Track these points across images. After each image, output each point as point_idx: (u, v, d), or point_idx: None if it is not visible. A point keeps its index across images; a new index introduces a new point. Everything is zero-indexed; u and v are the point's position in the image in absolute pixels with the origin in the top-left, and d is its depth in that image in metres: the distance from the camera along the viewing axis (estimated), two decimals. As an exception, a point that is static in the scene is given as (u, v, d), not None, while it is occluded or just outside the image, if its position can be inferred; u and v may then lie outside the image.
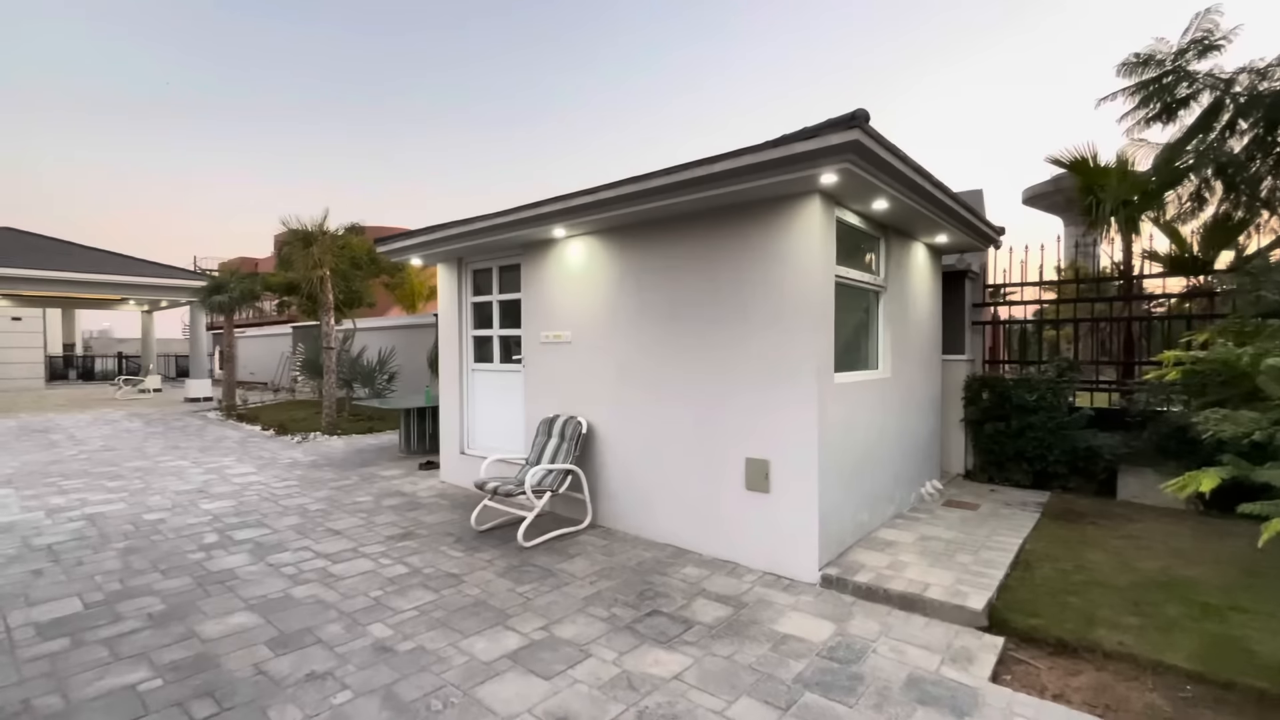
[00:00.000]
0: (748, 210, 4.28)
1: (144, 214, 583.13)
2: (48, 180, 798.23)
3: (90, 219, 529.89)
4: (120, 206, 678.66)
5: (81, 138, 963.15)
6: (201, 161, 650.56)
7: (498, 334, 6.41)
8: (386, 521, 5.41)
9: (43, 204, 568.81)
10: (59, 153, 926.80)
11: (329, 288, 10.73)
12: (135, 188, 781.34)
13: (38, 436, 10.30)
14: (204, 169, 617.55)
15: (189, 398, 16.33)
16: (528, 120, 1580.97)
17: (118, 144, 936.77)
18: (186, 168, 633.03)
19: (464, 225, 5.71)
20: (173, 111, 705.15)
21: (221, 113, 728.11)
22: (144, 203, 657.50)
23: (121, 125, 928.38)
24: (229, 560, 4.45)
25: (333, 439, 9.92)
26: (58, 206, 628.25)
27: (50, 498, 6.19)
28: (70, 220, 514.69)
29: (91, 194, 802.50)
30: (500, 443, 6.38)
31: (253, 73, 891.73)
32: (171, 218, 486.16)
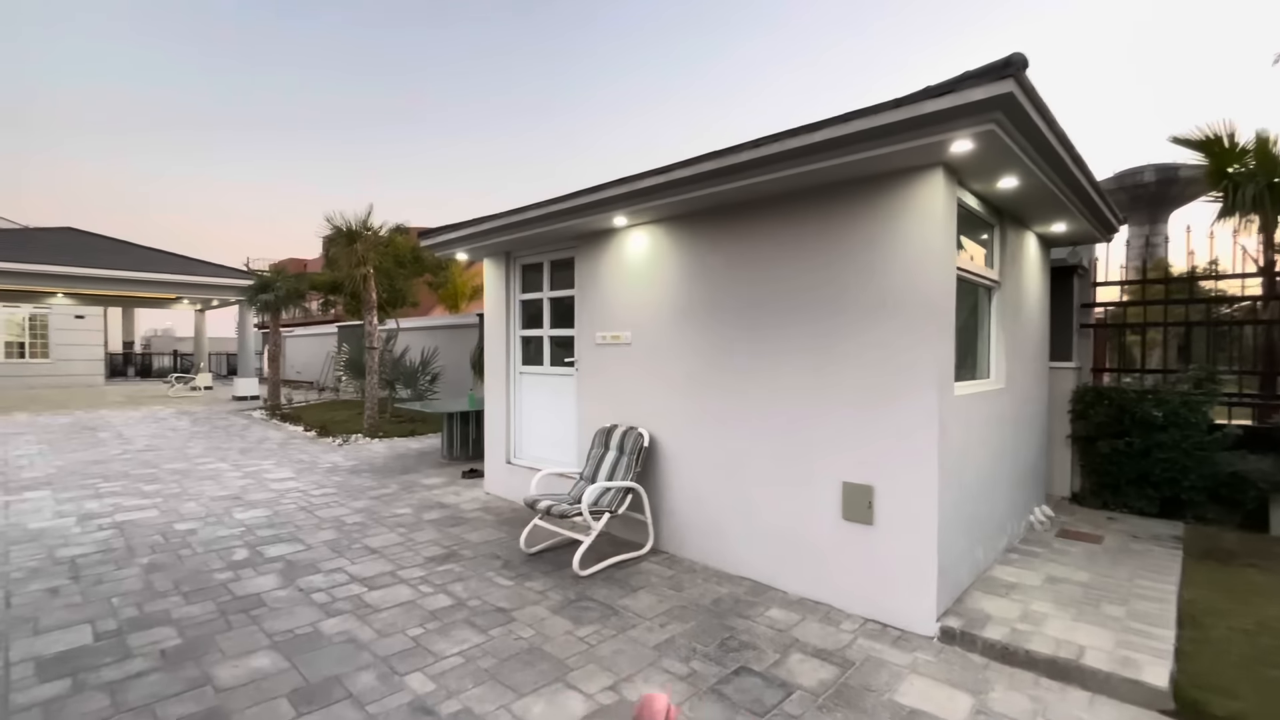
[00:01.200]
0: (851, 191, 3.62)
1: (200, 219, 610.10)
2: (113, 186, 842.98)
3: (148, 223, 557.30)
4: (176, 212, 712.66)
5: (140, 145, 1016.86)
6: (253, 166, 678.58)
7: (548, 334, 5.89)
8: (427, 539, 4.93)
9: (106, 209, 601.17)
10: (127, 162, 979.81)
11: (372, 286, 10.45)
12: (191, 195, 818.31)
13: (87, 434, 10.30)
14: (256, 173, 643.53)
15: (236, 396, 16.43)
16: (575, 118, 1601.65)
17: (173, 151, 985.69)
18: (238, 173, 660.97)
19: (513, 215, 5.21)
20: (220, 118, 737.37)
21: (266, 119, 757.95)
22: (200, 209, 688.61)
23: (176, 134, 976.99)
24: (257, 582, 4.01)
25: (374, 442, 9.60)
26: (121, 212, 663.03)
27: (86, 502, 5.93)
28: (131, 225, 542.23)
29: (150, 200, 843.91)
30: (550, 453, 5.85)
31: (291, 74, 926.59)
32: (227, 223, 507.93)
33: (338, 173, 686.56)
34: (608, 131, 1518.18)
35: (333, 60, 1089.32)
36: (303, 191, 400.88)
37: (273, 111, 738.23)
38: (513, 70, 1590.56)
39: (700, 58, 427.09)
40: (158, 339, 46.21)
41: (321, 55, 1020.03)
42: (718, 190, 3.86)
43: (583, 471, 4.91)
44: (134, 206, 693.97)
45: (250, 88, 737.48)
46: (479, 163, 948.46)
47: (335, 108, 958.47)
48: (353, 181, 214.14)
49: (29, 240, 16.19)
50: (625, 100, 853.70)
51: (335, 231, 10.24)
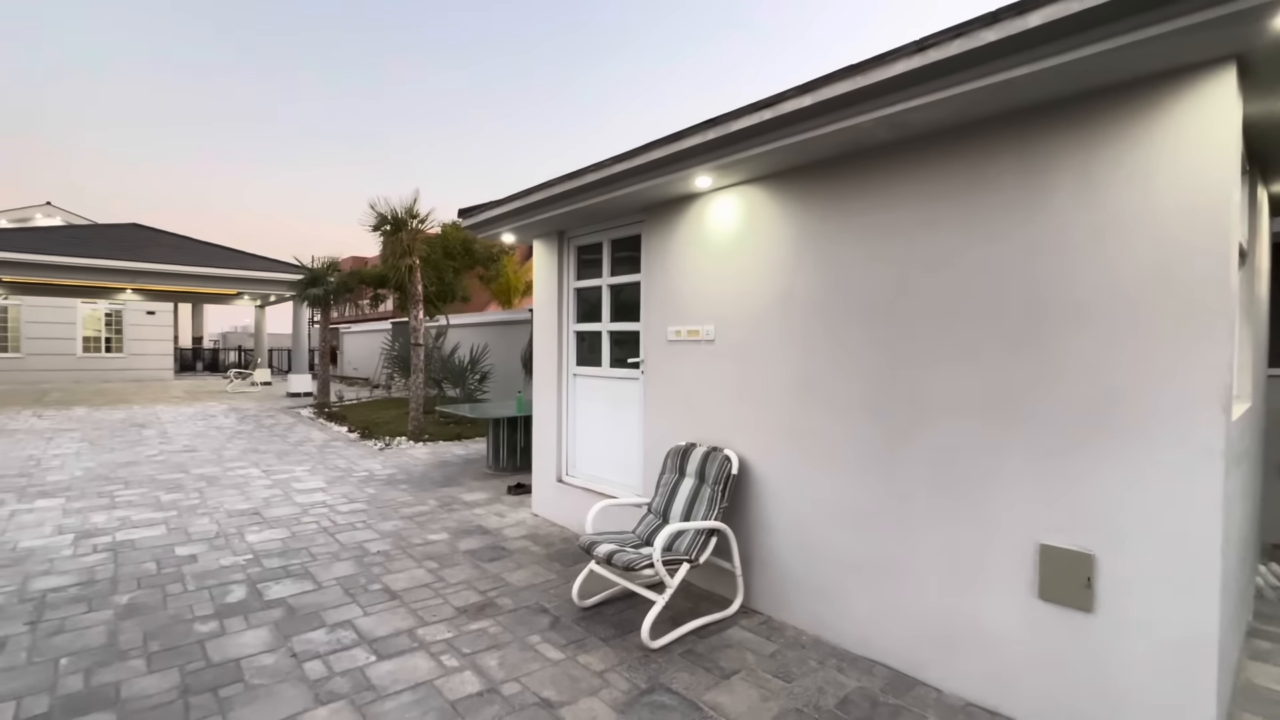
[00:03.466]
0: (1064, 116, 2.44)
1: (272, 217, 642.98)
2: (182, 184, 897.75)
3: (216, 221, 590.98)
4: (241, 209, 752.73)
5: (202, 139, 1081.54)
6: (316, 162, 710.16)
7: (608, 329, 4.88)
8: (461, 580, 4.00)
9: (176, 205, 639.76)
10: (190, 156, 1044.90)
11: (418, 278, 9.74)
12: (259, 194, 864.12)
13: (133, 432, 10.01)
14: (319, 169, 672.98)
15: (290, 393, 16.25)
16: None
17: (237, 145, 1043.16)
18: (299, 168, 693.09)
19: (566, 182, 4.21)
20: (283, 113, 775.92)
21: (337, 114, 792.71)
22: (269, 207, 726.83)
23: (241, 127, 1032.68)
24: (242, 641, 3.16)
25: (417, 446, 8.87)
26: (189, 209, 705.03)
27: (94, 514, 5.32)
28: (198, 222, 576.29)
29: (216, 196, 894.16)
30: (609, 472, 4.85)
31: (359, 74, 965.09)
32: (294, 220, 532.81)
33: (408, 173, 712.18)
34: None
35: (410, 58, 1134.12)
36: (370, 189, 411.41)
37: (343, 106, 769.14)
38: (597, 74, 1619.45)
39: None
40: (233, 335, 48.07)
41: (393, 52, 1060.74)
42: (853, 124, 2.74)
43: (651, 502, 3.88)
44: (200, 203, 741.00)
45: (310, 84, 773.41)
46: (558, 162, 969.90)
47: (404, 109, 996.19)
48: (424, 181, 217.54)
49: (96, 236, 16.47)
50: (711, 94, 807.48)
51: (380, 219, 9.59)
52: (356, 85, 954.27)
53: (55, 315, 21.13)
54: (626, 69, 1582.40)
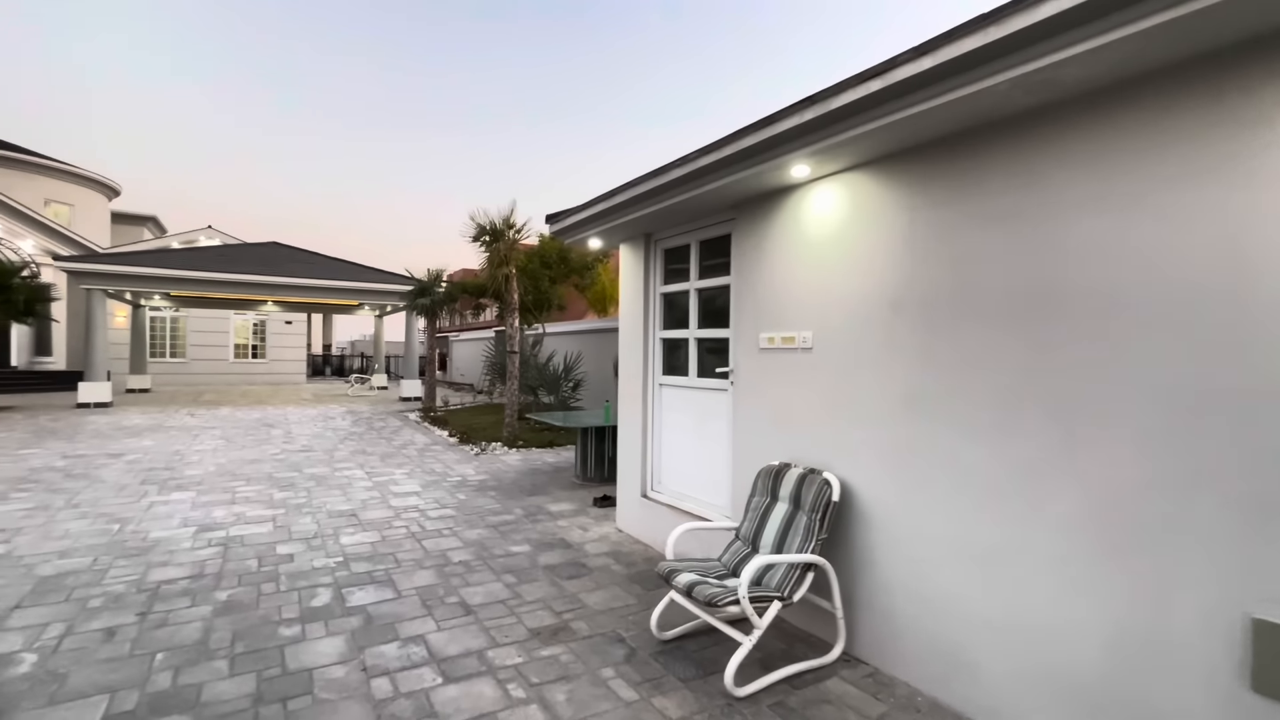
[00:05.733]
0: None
1: (407, 229, 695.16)
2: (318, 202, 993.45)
3: (344, 238, 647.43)
4: (364, 224, 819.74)
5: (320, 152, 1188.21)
6: (438, 177, 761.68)
7: (695, 336, 4.56)
8: (537, 598, 3.83)
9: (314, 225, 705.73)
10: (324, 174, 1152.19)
11: (514, 287, 9.92)
12: (390, 208, 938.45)
13: (262, 431, 10.91)
14: (441, 185, 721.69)
15: (402, 397, 17.25)
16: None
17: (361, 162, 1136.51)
18: (425, 180, 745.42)
19: (652, 179, 3.96)
20: (407, 127, 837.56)
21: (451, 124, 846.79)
22: (386, 221, 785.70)
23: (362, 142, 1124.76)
24: (319, 649, 3.14)
25: (510, 453, 8.96)
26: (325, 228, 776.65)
27: (216, 509, 5.71)
28: (330, 240, 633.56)
29: (349, 212, 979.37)
30: (696, 489, 4.52)
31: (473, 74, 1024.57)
32: (416, 234, 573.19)
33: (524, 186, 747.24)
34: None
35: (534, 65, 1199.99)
36: (485, 201, 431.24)
37: (458, 118, 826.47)
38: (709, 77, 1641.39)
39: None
40: (359, 343, 52.32)
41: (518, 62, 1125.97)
42: (983, 89, 2.27)
43: (739, 528, 3.51)
44: (336, 221, 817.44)
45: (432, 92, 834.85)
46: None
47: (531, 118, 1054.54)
48: (539, 195, 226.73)
49: (243, 254, 18.39)
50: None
51: (479, 230, 9.87)
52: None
53: (212, 325, 23.85)
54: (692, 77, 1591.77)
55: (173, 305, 21.45)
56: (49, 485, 6.49)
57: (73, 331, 19.75)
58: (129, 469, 7.40)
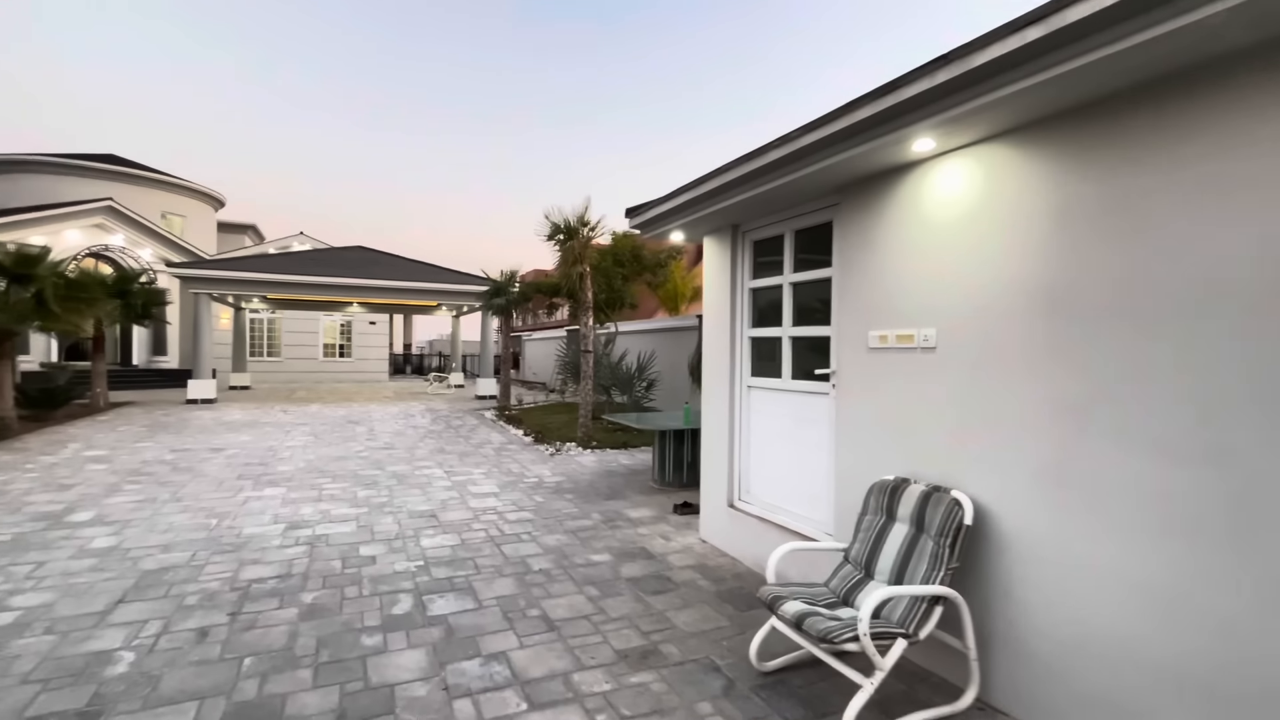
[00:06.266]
0: None
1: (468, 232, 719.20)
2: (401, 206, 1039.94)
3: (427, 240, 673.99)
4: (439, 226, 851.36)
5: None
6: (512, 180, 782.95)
7: (789, 334, 4.19)
8: (622, 614, 3.59)
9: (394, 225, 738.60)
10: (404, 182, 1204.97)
11: (588, 285, 9.79)
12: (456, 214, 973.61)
13: (347, 428, 11.30)
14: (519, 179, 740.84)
15: (478, 395, 17.60)
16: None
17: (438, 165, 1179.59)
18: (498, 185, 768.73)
19: (744, 164, 3.64)
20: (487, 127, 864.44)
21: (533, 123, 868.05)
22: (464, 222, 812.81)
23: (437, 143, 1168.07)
24: (400, 662, 3.01)
25: (585, 453, 8.83)
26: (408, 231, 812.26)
27: (303, 506, 5.83)
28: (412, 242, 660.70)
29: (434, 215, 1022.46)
30: (790, 501, 4.16)
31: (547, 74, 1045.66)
32: (493, 234, 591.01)
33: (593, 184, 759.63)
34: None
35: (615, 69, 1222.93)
36: (559, 201, 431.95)
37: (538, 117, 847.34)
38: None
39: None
40: (437, 342, 54.28)
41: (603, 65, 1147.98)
42: (1187, 24, 1.82)
43: (849, 549, 3.13)
44: (418, 224, 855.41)
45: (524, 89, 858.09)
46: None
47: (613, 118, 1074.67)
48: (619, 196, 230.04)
49: (331, 258, 19.30)
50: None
51: (553, 229, 9.80)
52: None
53: (304, 326, 25.26)
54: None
55: (269, 307, 22.85)
56: (158, 478, 6.86)
57: (184, 333, 21.35)
58: (228, 464, 7.75)
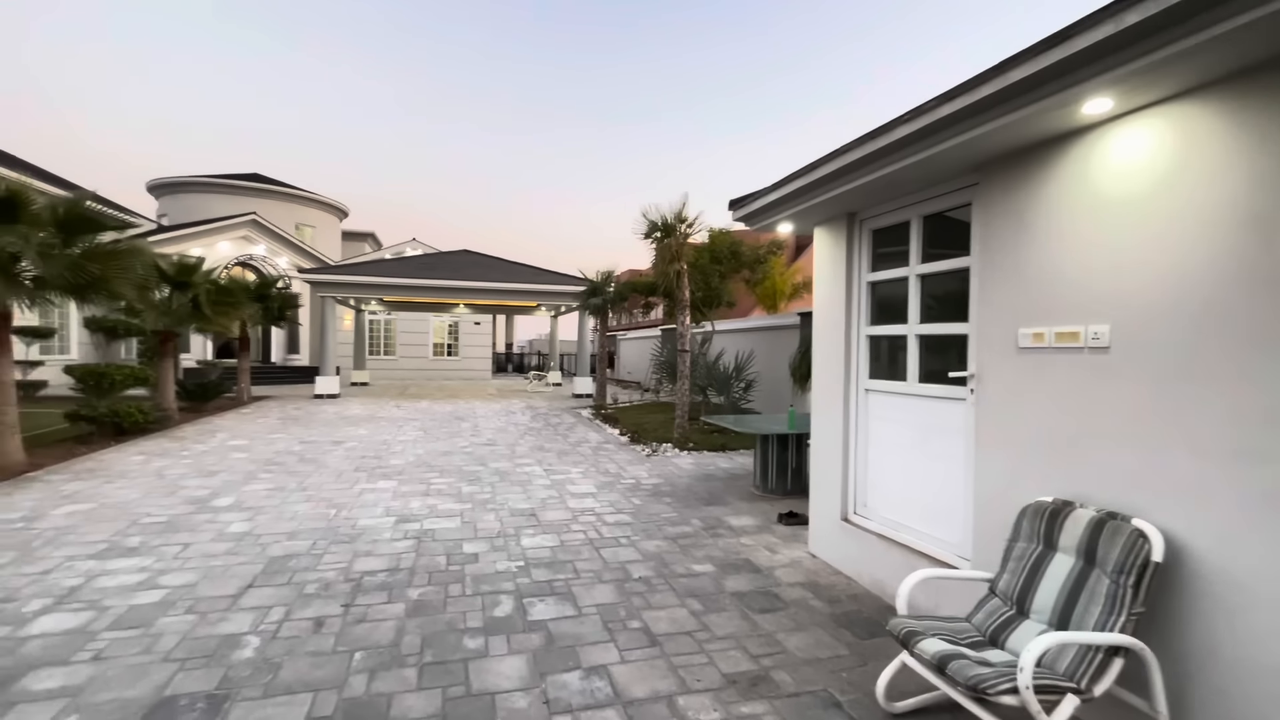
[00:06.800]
0: None
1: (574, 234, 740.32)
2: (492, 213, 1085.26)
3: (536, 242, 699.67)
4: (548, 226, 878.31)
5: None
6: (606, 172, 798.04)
7: (915, 332, 3.77)
8: (728, 633, 3.35)
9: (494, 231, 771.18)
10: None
11: (685, 283, 9.59)
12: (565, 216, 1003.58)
13: (453, 424, 11.78)
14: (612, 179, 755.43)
15: (575, 393, 17.90)
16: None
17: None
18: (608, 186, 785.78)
19: (867, 144, 3.28)
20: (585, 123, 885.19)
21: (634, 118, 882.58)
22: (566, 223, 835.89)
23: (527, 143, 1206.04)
24: (501, 670, 2.94)
25: (681, 455, 8.63)
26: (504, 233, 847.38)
27: (413, 500, 6.03)
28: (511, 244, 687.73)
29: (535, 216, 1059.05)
30: (916, 518, 3.74)
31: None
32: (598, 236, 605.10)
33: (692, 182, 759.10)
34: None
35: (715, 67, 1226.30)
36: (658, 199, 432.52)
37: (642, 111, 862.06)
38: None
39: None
40: (538, 341, 56.18)
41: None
42: None
43: (996, 580, 2.72)
44: (519, 227, 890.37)
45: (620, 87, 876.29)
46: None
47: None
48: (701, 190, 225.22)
49: (439, 262, 20.35)
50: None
51: (650, 226, 9.68)
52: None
53: (416, 326, 26.86)
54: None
55: (386, 309, 24.49)
56: (287, 468, 7.39)
57: (313, 333, 23.33)
58: (347, 456, 8.25)
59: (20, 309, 7.18)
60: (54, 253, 7.03)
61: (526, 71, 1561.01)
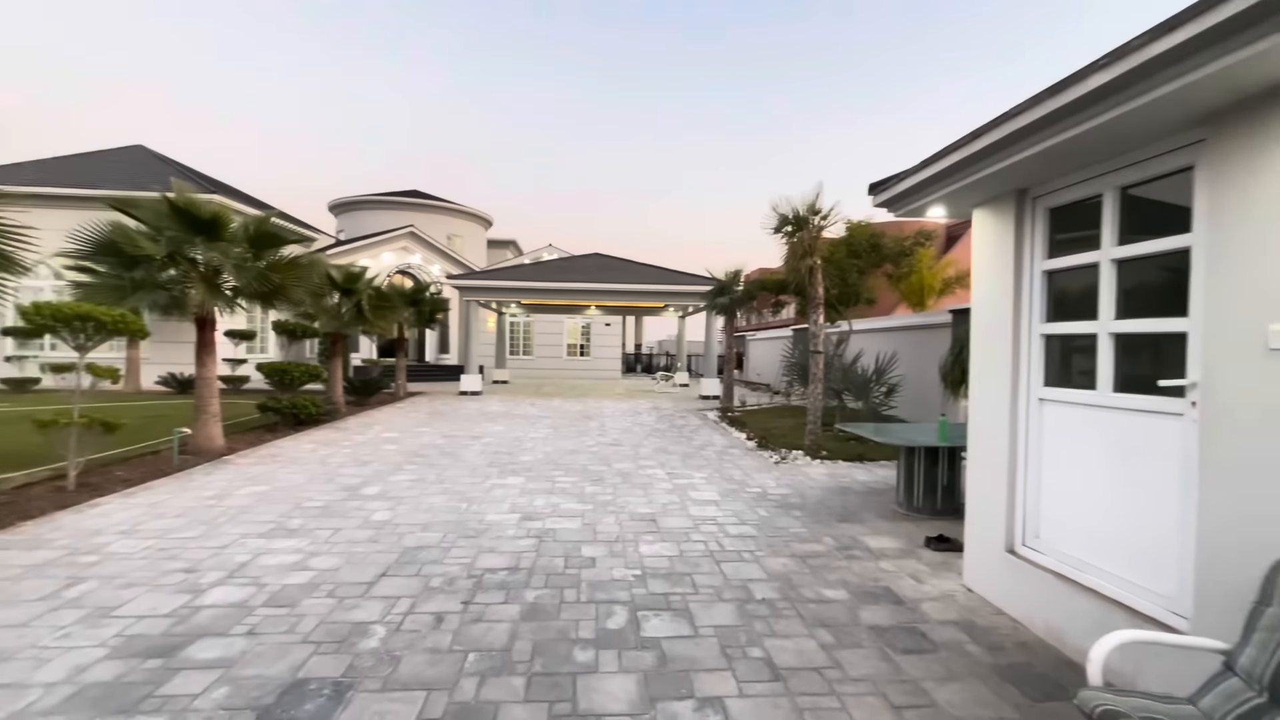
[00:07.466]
0: None
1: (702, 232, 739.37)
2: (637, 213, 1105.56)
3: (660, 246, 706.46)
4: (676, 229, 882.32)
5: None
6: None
7: (1110, 330, 3.07)
8: (865, 674, 2.92)
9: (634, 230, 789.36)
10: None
11: (819, 280, 8.97)
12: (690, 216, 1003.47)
13: (581, 423, 12.02)
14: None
15: (702, 395, 17.65)
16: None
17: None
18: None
19: (1045, 102, 2.70)
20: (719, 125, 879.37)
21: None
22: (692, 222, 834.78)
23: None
24: (609, 689, 2.77)
25: (813, 464, 8.06)
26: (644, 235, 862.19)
27: (537, 497, 6.13)
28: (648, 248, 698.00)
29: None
30: (1109, 558, 3.05)
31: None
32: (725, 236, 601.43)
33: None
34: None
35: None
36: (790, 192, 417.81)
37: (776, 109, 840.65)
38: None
39: None
40: (666, 342, 56.70)
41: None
42: None
43: (1234, 654, 2.07)
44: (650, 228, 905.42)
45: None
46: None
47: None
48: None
49: (572, 265, 21.07)
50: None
51: (780, 220, 9.18)
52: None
53: (551, 328, 28.12)
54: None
55: (524, 312, 25.88)
56: (429, 460, 7.89)
57: (461, 334, 25.23)
58: (482, 451, 8.66)
59: (220, 314, 8.31)
60: (246, 265, 8.06)
61: (669, 90, 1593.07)
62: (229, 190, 20.33)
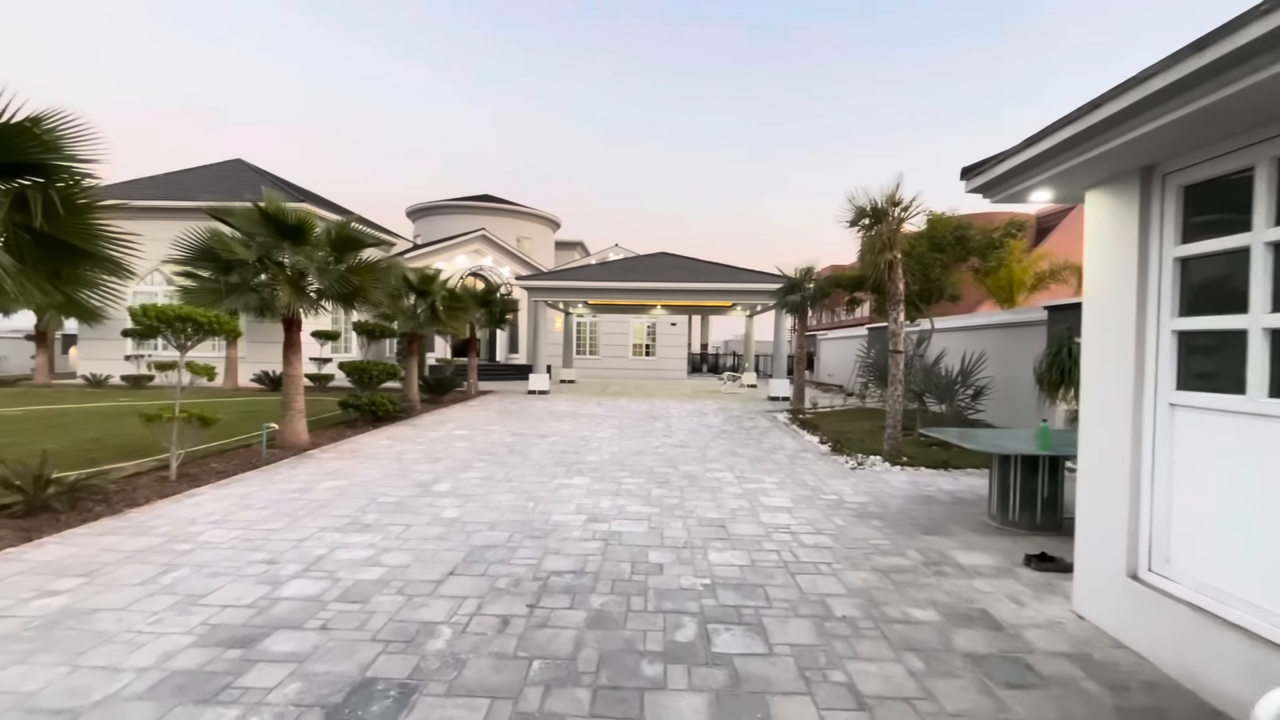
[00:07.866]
0: None
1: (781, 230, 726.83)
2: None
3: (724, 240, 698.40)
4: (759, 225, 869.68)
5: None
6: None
7: (1265, 325, 2.63)
8: (961, 709, 2.63)
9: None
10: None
11: (899, 275, 8.46)
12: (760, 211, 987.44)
13: (647, 423, 11.89)
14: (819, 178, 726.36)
15: (770, 396, 17.18)
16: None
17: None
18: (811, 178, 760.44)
19: (1190, 59, 2.32)
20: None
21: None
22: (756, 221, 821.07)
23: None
24: (676, 710, 2.60)
25: (892, 470, 7.60)
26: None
27: (603, 499, 6.03)
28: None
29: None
30: (1259, 589, 2.61)
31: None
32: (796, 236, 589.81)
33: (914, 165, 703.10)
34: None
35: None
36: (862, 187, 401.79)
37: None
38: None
39: None
40: (733, 342, 55.97)
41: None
42: None
43: None
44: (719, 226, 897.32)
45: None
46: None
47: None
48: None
49: (637, 265, 21.01)
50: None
51: (857, 213, 8.71)
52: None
53: (617, 328, 28.22)
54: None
55: (590, 312, 26.09)
56: (497, 458, 7.97)
57: (529, 334, 25.72)
58: (549, 450, 8.68)
59: (306, 315, 8.72)
60: (328, 268, 8.41)
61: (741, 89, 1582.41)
62: (315, 198, 21.51)
